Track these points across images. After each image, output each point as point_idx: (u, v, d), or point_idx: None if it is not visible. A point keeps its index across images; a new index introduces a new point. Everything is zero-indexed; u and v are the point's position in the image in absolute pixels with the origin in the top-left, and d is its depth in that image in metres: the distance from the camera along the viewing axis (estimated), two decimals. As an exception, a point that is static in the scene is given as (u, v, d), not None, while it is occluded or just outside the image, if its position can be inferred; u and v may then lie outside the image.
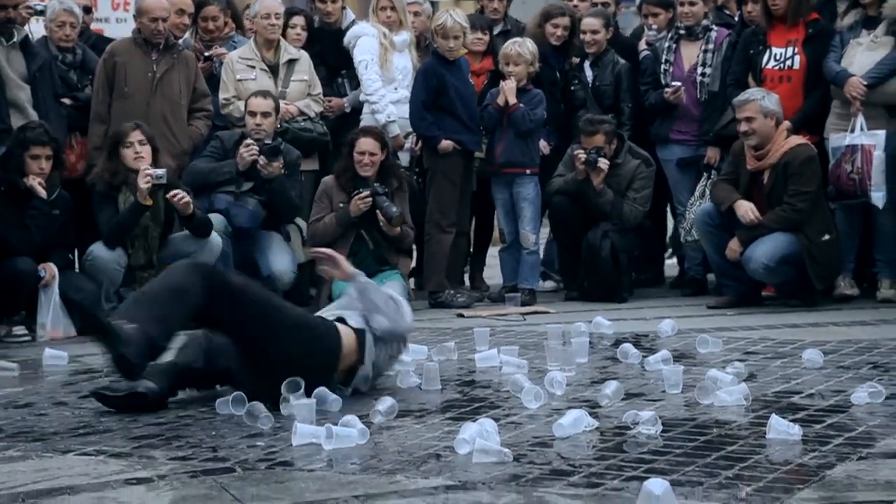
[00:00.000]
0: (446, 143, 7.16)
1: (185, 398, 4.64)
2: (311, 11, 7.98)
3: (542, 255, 7.78)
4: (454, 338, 5.93)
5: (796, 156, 6.62)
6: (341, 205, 6.87)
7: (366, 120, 7.36)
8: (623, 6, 8.74)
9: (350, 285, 4.83)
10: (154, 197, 6.46)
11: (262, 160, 6.79)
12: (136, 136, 6.48)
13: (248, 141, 6.83)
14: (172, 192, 6.39)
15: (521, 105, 7.14)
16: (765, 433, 3.79)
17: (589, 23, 7.58)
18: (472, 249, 7.95)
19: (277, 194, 6.88)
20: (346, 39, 7.53)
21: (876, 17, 6.78)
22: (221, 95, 7.31)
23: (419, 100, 7.16)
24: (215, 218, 6.77)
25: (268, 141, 6.86)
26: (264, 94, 6.98)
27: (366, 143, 6.86)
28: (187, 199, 6.44)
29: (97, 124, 6.97)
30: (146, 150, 6.46)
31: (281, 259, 6.88)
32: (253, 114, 6.90)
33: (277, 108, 7.00)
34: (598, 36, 7.55)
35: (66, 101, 7.01)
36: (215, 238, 6.67)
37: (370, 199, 6.72)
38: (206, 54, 7.49)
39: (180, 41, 7.30)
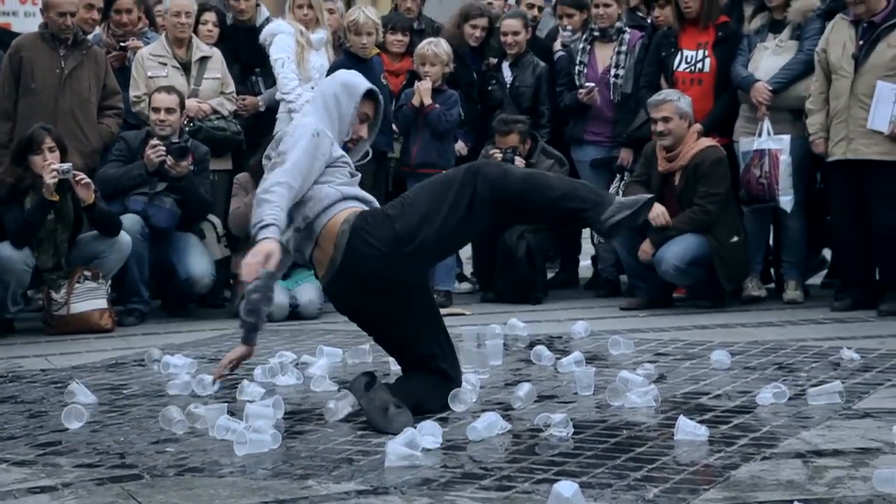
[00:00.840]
0: None
1: (102, 403, 4.56)
2: (223, 8, 7.89)
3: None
4: (370, 340, 5.90)
5: (706, 158, 6.73)
6: None
7: (282, 119, 7.29)
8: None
9: None
10: (61, 194, 6.32)
11: (169, 160, 6.70)
12: (47, 142, 6.32)
13: (154, 141, 6.73)
14: (73, 173, 6.21)
15: (437, 105, 7.15)
16: (673, 434, 3.85)
17: (509, 24, 7.62)
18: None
19: (188, 192, 6.80)
20: (261, 37, 7.46)
21: (782, 20, 6.92)
22: (132, 93, 7.19)
23: None
24: (132, 219, 6.66)
25: (175, 139, 6.77)
26: (168, 89, 6.88)
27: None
28: (87, 180, 6.30)
29: (2, 121, 6.81)
30: (55, 156, 6.32)
31: (199, 262, 6.80)
32: (157, 110, 6.80)
33: (183, 105, 6.90)
34: (519, 37, 7.59)
35: (-31, 97, 6.83)
36: (124, 237, 6.56)
37: None
38: (122, 44, 7.35)
39: (90, 36, 7.16)
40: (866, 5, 6.38)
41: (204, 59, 7.34)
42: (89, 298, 6.41)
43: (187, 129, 7.14)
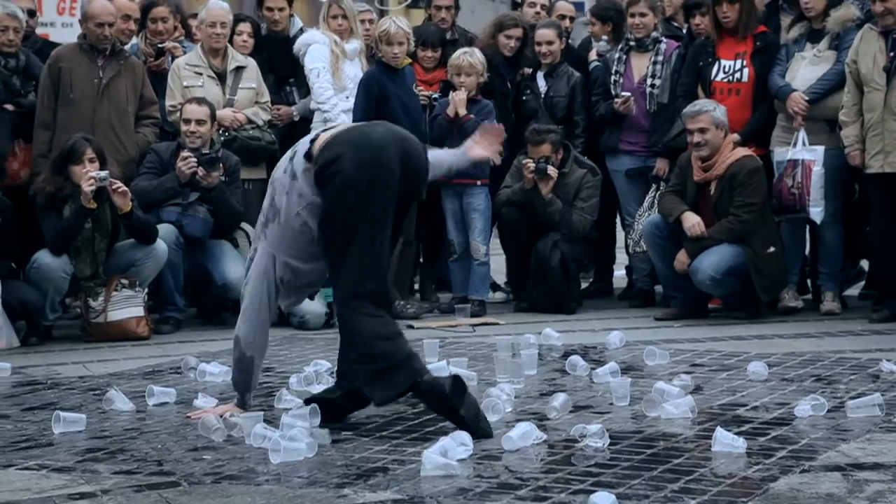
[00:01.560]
0: None
1: (139, 411, 4.60)
2: (258, 18, 7.94)
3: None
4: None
5: (742, 167, 6.69)
6: None
7: (316, 128, 7.30)
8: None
9: None
10: (99, 202, 6.38)
11: (201, 171, 6.74)
12: (88, 153, 6.38)
13: (186, 153, 6.78)
14: (110, 181, 6.27)
15: (472, 116, 7.16)
16: (710, 446, 3.83)
17: (543, 34, 7.61)
18: (421, 260, 7.94)
19: (219, 203, 6.84)
20: (295, 47, 7.50)
21: (820, 30, 6.87)
22: (168, 102, 7.24)
23: (360, 108, 7.14)
24: (166, 228, 6.71)
25: (205, 150, 6.81)
26: (199, 100, 6.92)
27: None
28: (124, 188, 6.35)
29: (42, 131, 6.87)
30: (94, 167, 6.37)
31: (234, 268, 6.83)
32: (188, 121, 6.85)
33: (213, 116, 6.95)
34: (553, 47, 7.59)
35: (9, 107, 6.90)
36: (161, 245, 6.60)
37: None
38: (160, 46, 7.41)
39: (126, 47, 7.23)
40: (894, 15, 6.32)
41: (239, 69, 7.39)
42: (126, 306, 6.46)
43: (223, 137, 7.19)
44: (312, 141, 4.20)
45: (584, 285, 7.84)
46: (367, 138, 4.14)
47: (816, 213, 6.68)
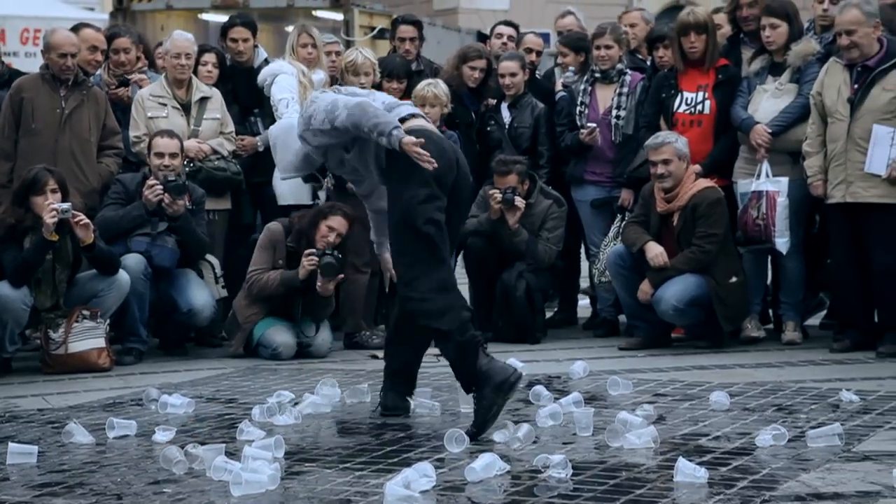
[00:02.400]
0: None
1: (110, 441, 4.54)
2: (222, 49, 7.94)
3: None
4: (367, 379, 5.89)
5: (704, 198, 6.75)
6: (280, 262, 6.79)
7: None
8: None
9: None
10: (60, 234, 6.33)
11: (167, 198, 6.71)
12: (50, 183, 6.34)
13: (151, 181, 6.76)
14: (72, 213, 6.22)
15: (436, 146, 7.17)
16: (672, 476, 3.84)
17: (507, 66, 7.66)
18: (387, 290, 7.93)
19: (185, 232, 6.81)
20: (260, 77, 7.49)
21: (781, 63, 6.96)
22: (132, 133, 7.21)
23: None
24: (135, 259, 6.65)
25: (171, 178, 6.79)
26: (169, 133, 6.90)
27: (337, 222, 6.70)
28: (86, 220, 6.31)
29: (3, 161, 6.81)
30: (56, 197, 6.32)
31: (200, 294, 6.81)
32: (160, 155, 6.82)
33: (182, 147, 6.93)
34: (516, 79, 7.63)
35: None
36: (123, 276, 6.55)
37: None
38: (128, 77, 7.38)
39: (91, 78, 7.20)
40: (860, 50, 6.42)
41: (204, 100, 7.38)
42: (87, 338, 6.40)
43: (188, 168, 7.17)
44: (411, 115, 4.92)
45: (548, 314, 7.86)
46: (442, 142, 4.91)
47: (782, 243, 6.74)
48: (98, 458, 4.33)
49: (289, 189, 7.26)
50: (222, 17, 11.73)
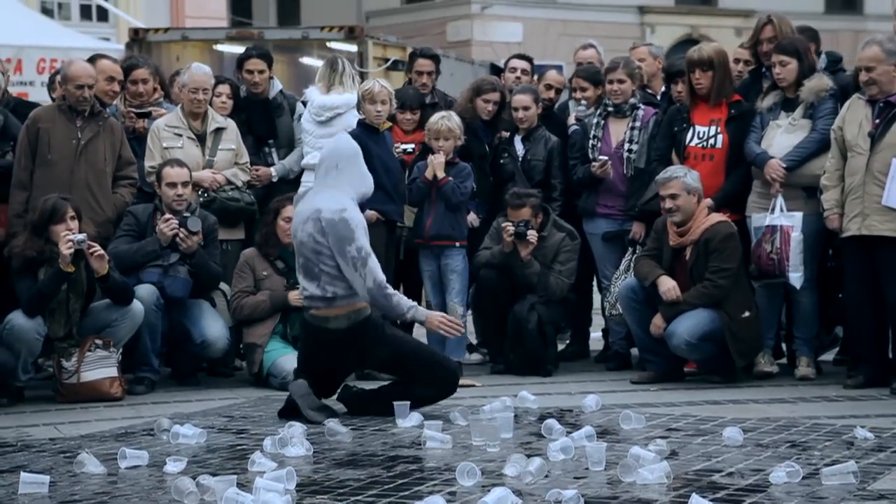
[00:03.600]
0: (371, 214, 7.17)
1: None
2: (237, 81, 7.99)
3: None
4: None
5: (717, 233, 6.74)
6: (265, 273, 6.89)
7: (308, 185, 7.41)
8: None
9: None
10: (76, 264, 6.35)
11: (182, 233, 6.73)
12: (69, 212, 6.37)
13: (168, 216, 6.78)
14: (87, 244, 6.26)
15: (450, 178, 7.20)
16: (685, 513, 3.81)
17: (520, 99, 7.69)
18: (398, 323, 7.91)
19: (199, 268, 6.84)
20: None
21: (794, 99, 6.97)
22: (147, 163, 7.24)
23: None
24: (147, 289, 6.67)
25: (186, 213, 6.81)
26: (178, 163, 6.93)
27: (292, 211, 6.89)
28: (101, 251, 6.33)
29: (18, 191, 6.85)
30: (75, 225, 6.37)
31: (214, 325, 6.83)
32: (173, 185, 6.84)
33: (191, 177, 6.97)
34: (529, 112, 7.66)
35: (-13, 168, 6.89)
36: (137, 306, 6.56)
37: None
38: (149, 109, 7.43)
39: (107, 108, 7.25)
40: (879, 87, 6.45)
41: (219, 131, 7.42)
42: (100, 367, 6.40)
43: (202, 199, 7.20)
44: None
45: (560, 347, 7.84)
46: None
47: (796, 278, 6.73)
48: (109, 489, 4.32)
49: None
50: (237, 48, 11.82)
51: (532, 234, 7.18)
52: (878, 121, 6.46)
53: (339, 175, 5.88)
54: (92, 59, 7.39)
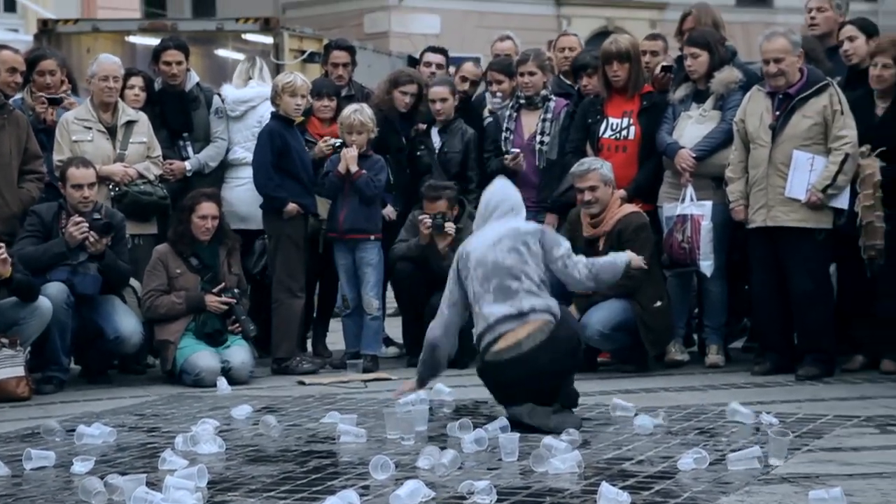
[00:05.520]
0: (293, 206, 7.15)
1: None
2: (152, 73, 7.87)
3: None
4: (293, 406, 5.87)
5: (629, 223, 6.83)
6: (178, 271, 6.83)
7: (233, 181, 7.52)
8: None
9: None
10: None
11: (93, 237, 6.60)
12: None
13: (78, 218, 6.61)
14: None
15: (364, 172, 7.18)
16: (596, 501, 3.86)
17: (437, 91, 7.69)
18: (314, 315, 7.89)
19: (108, 269, 6.72)
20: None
21: (705, 91, 7.08)
22: (56, 157, 7.09)
23: (266, 161, 7.14)
24: (57, 287, 6.53)
25: (97, 216, 6.68)
26: (84, 163, 6.77)
27: (208, 208, 6.84)
28: (4, 255, 6.18)
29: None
30: None
31: (127, 321, 6.74)
32: (79, 187, 6.69)
33: (98, 177, 6.83)
34: (447, 104, 7.66)
35: None
36: (45, 303, 6.43)
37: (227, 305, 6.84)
38: (58, 96, 7.28)
39: (11, 101, 7.09)
40: (786, 78, 6.57)
41: (130, 124, 7.30)
42: (6, 366, 6.26)
43: (113, 193, 7.08)
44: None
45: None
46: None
47: (706, 266, 6.84)
48: (14, 491, 4.24)
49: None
50: (150, 40, 11.64)
51: (450, 227, 7.20)
52: (778, 113, 6.59)
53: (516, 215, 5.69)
54: (-7, 50, 7.22)
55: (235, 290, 6.87)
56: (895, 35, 6.81)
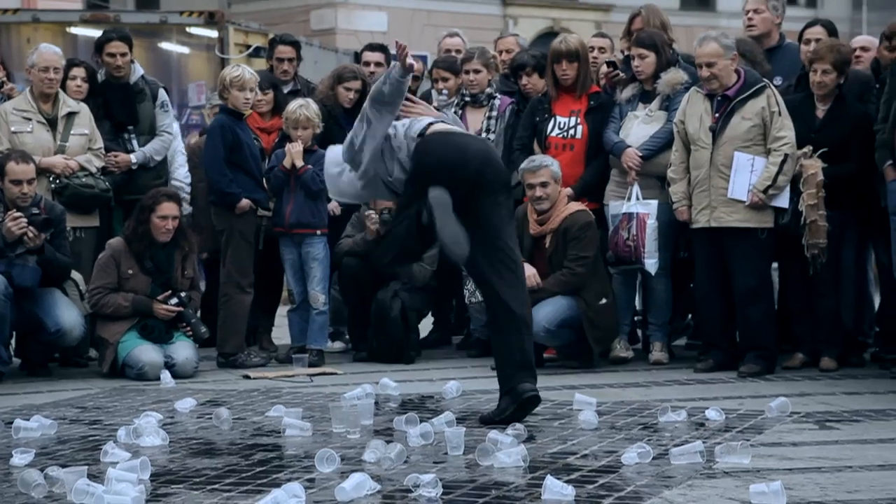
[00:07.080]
0: (245, 202, 7.11)
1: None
2: (95, 65, 7.76)
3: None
4: (238, 399, 5.82)
5: (575, 221, 6.87)
6: (130, 272, 6.75)
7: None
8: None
9: None
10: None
11: (31, 232, 6.48)
12: None
13: (16, 214, 6.48)
14: None
15: (309, 166, 7.15)
16: (541, 494, 3.88)
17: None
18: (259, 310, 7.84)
19: (47, 264, 6.61)
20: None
21: (651, 91, 7.16)
22: (-6, 148, 6.99)
23: (219, 156, 7.08)
24: None
25: (35, 211, 6.56)
26: (23, 157, 6.63)
27: (168, 208, 6.74)
28: None
29: None
30: None
31: (68, 314, 6.65)
32: (18, 182, 6.54)
33: (37, 172, 6.70)
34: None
35: None
36: (-17, 296, 6.33)
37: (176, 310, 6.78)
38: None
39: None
40: (718, 81, 6.65)
41: (71, 115, 7.20)
42: (-56, 359, 6.16)
43: (53, 185, 6.97)
44: (429, 124, 5.30)
45: (422, 335, 7.88)
46: (466, 141, 5.35)
47: (651, 264, 6.91)
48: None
49: None
50: (92, 32, 11.46)
51: (395, 222, 7.19)
52: (717, 115, 6.68)
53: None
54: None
55: (183, 295, 6.79)
56: (832, 42, 6.93)
